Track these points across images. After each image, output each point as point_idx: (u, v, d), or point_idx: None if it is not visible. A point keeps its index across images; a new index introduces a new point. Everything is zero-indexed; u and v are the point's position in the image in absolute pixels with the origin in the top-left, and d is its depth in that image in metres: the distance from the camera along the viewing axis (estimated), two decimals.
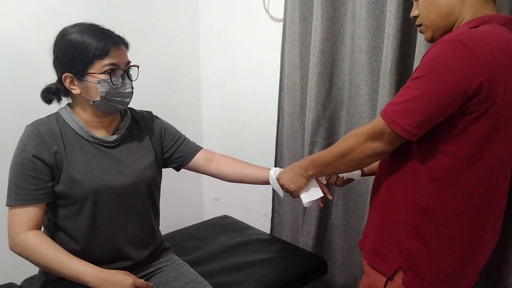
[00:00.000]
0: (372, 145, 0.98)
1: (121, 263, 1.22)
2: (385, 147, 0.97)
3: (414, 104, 0.90)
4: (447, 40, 0.89)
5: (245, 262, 1.60)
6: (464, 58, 0.86)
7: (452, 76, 0.86)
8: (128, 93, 1.16)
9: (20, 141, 1.12)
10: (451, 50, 0.87)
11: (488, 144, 0.92)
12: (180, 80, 2.36)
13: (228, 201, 2.48)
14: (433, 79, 0.88)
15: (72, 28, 1.11)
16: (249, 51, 2.15)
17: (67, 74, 1.11)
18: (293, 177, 1.25)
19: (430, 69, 0.89)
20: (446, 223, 0.96)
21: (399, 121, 0.91)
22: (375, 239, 1.07)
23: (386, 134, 0.95)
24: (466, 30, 0.91)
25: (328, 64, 1.65)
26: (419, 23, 1.06)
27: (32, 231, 1.10)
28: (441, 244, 0.97)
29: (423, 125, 0.91)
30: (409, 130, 0.91)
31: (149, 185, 1.25)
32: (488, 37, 0.89)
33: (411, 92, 0.91)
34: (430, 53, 0.91)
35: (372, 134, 0.98)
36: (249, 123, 2.24)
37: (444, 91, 0.87)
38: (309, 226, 1.83)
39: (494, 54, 0.87)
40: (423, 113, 0.89)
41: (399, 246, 1.01)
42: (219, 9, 2.27)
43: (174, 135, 1.36)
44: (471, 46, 0.85)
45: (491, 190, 0.96)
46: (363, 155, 1.01)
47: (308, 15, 1.72)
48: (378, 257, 1.06)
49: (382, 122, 0.95)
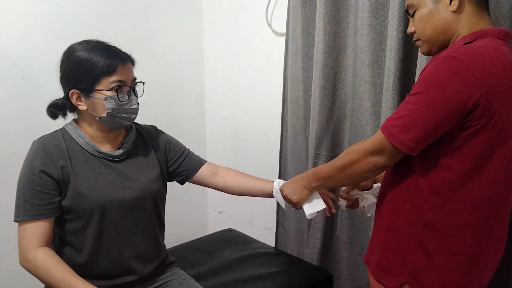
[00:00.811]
0: (373, 159, 1.00)
1: (126, 277, 1.22)
2: (386, 161, 0.99)
3: (413, 119, 0.91)
4: (443, 57, 0.90)
5: (250, 276, 1.59)
6: (460, 74, 0.87)
7: (449, 92, 0.88)
8: (134, 109, 1.18)
9: (27, 156, 1.13)
10: (447, 66, 0.89)
11: (488, 157, 0.93)
12: (183, 95, 2.38)
13: (233, 214, 2.47)
14: (431, 95, 0.90)
15: (79, 45, 1.13)
16: (252, 65, 2.17)
17: (74, 90, 1.13)
18: (296, 188, 1.26)
19: (428, 85, 0.90)
20: (450, 236, 0.96)
21: (399, 135, 0.93)
22: (380, 253, 1.07)
23: (387, 149, 0.96)
24: (461, 46, 0.93)
25: (331, 77, 1.67)
26: (416, 38, 1.08)
27: (42, 248, 1.10)
28: (445, 257, 0.97)
29: (423, 139, 0.92)
30: (409, 145, 0.92)
31: (154, 199, 1.26)
32: (484, 52, 0.90)
33: (410, 107, 0.93)
34: (428, 69, 0.93)
35: (373, 149, 0.99)
36: (253, 137, 2.25)
37: (442, 106, 0.88)
38: (314, 239, 1.82)
39: (490, 69, 0.88)
40: (422, 128, 0.91)
41: (404, 260, 1.01)
42: (222, 23, 2.30)
43: (179, 149, 1.38)
44: (467, 62, 0.87)
45: (494, 202, 0.96)
46: (365, 169, 1.02)
47: (310, 29, 1.74)
48: (383, 271, 1.06)
49: (383, 137, 0.96)
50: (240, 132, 2.33)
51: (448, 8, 0.99)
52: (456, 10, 0.99)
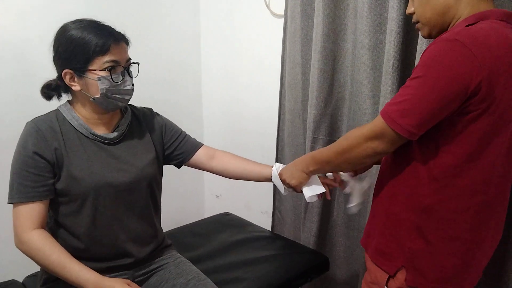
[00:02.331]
0: (372, 144, 0.98)
1: (122, 260, 1.22)
2: (385, 147, 0.97)
3: (414, 104, 0.90)
4: (445, 40, 0.88)
5: (246, 259, 1.59)
6: (462, 57, 0.85)
7: (450, 75, 0.86)
8: (128, 90, 1.16)
9: (20, 138, 1.12)
10: (448, 49, 0.87)
11: (488, 142, 0.92)
12: (181, 76, 2.35)
13: (229, 198, 2.48)
14: (432, 78, 0.88)
15: (72, 24, 1.11)
16: (250, 47, 2.15)
17: (67, 70, 1.11)
18: (294, 172, 1.25)
19: (428, 69, 0.89)
20: (448, 222, 0.96)
21: (400, 120, 0.91)
22: (379, 238, 1.07)
23: (387, 134, 0.95)
24: (463, 28, 0.90)
25: (330, 60, 1.65)
26: (416, 20, 1.06)
27: (37, 230, 1.10)
28: (443, 243, 0.97)
29: (423, 124, 0.91)
30: (410, 130, 0.91)
31: (150, 182, 1.25)
32: (486, 35, 0.88)
33: (410, 91, 0.91)
34: (428, 52, 0.91)
35: (372, 134, 0.98)
36: (250, 119, 2.24)
37: (443, 90, 0.87)
38: (310, 223, 1.82)
39: (492, 51, 0.86)
40: (423, 112, 0.89)
41: (402, 245, 1.01)
42: (220, 5, 2.26)
43: (175, 132, 1.36)
44: (469, 45, 0.85)
45: (492, 188, 0.96)
46: (363, 154, 1.01)
47: (309, 11, 1.71)
48: (381, 255, 1.06)
49: (383, 122, 0.94)
50: (237, 115, 2.31)
51: None
52: None
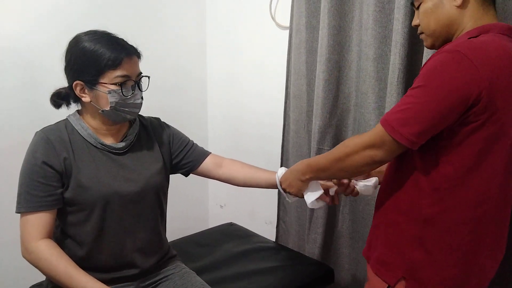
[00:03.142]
0: (370, 152, 0.98)
1: (128, 270, 1.22)
2: (384, 156, 0.97)
3: (414, 113, 0.90)
4: (446, 51, 0.89)
5: (251, 270, 1.59)
6: (463, 68, 0.86)
7: (451, 85, 0.87)
8: (137, 104, 1.17)
9: (29, 147, 1.13)
10: (450, 60, 0.88)
11: (489, 153, 0.92)
12: (187, 87, 2.37)
13: (234, 208, 2.47)
14: (433, 88, 0.89)
15: (85, 35, 1.12)
16: (255, 58, 2.16)
17: (78, 82, 1.12)
18: (292, 180, 1.25)
19: (430, 79, 0.89)
20: (449, 233, 0.96)
21: (400, 129, 0.91)
22: (380, 248, 1.07)
23: (387, 143, 0.94)
24: (465, 40, 0.92)
25: (335, 71, 1.66)
26: (421, 32, 1.07)
27: (44, 240, 1.10)
28: (444, 254, 0.97)
29: (424, 133, 0.91)
30: (410, 139, 0.91)
31: (157, 192, 1.25)
32: (487, 47, 0.89)
33: (411, 100, 0.92)
34: (430, 63, 0.92)
35: (372, 142, 0.97)
36: (255, 131, 2.24)
37: (443, 100, 0.87)
38: (315, 234, 1.82)
39: (493, 64, 0.87)
40: (423, 121, 0.89)
41: (403, 255, 1.01)
42: (225, 16, 2.29)
43: (183, 141, 1.37)
44: (470, 56, 0.86)
45: (493, 199, 0.95)
46: (361, 162, 1.01)
47: (314, 23, 1.73)
48: (382, 265, 1.06)
49: (383, 130, 0.94)
50: (242, 126, 2.32)
51: (453, 3, 0.98)
52: (460, 5, 0.97)
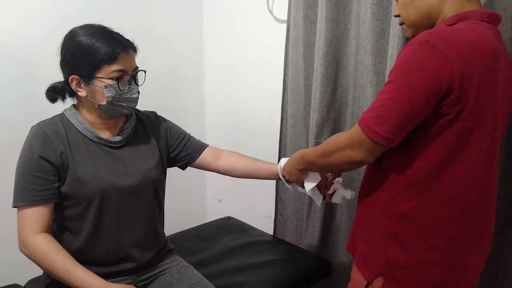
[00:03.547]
0: (350, 153, 0.96)
1: (125, 264, 1.22)
2: (364, 156, 0.94)
3: (388, 109, 0.88)
4: (416, 42, 0.87)
5: (249, 263, 1.59)
6: (433, 58, 0.84)
7: (421, 77, 0.85)
8: (134, 98, 1.16)
9: (25, 142, 1.12)
10: (419, 51, 0.85)
11: (464, 148, 0.90)
12: (184, 81, 2.36)
13: (232, 202, 2.47)
14: (404, 82, 0.87)
15: (81, 29, 1.11)
16: (253, 52, 2.15)
17: (74, 76, 1.11)
18: (290, 169, 1.26)
19: (400, 72, 0.87)
20: (427, 229, 0.94)
21: (375, 127, 0.89)
22: (364, 244, 1.06)
23: (364, 143, 0.92)
24: (436, 29, 0.89)
25: (333, 65, 1.65)
26: (401, 22, 1.05)
27: (42, 234, 1.10)
28: (421, 251, 0.95)
29: (400, 129, 0.89)
30: (386, 136, 0.89)
31: (154, 186, 1.25)
32: (460, 35, 0.86)
33: (384, 97, 0.89)
34: (401, 55, 0.89)
35: (350, 143, 0.95)
36: (252, 125, 2.24)
37: (415, 93, 0.85)
38: (313, 228, 1.82)
39: (465, 52, 0.84)
40: (398, 117, 0.87)
41: (381, 252, 1.00)
42: (223, 9, 2.27)
43: (180, 134, 1.37)
44: (440, 46, 0.83)
45: (471, 195, 0.93)
46: (342, 162, 1.00)
47: (312, 16, 1.72)
48: (363, 261, 1.05)
49: (359, 130, 0.92)
50: (239, 119, 2.31)
51: None
52: None
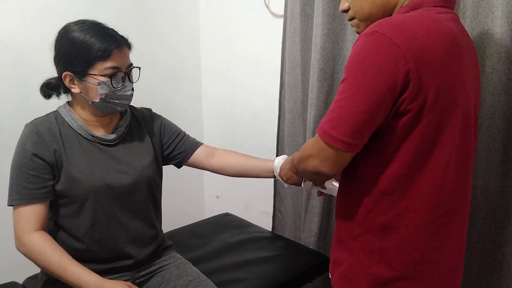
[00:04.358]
0: (312, 163, 0.87)
1: (122, 261, 1.22)
2: (326, 167, 0.84)
3: (343, 110, 0.80)
4: (365, 34, 0.80)
5: (247, 259, 1.59)
6: (384, 50, 0.76)
7: (375, 72, 0.77)
8: (127, 96, 1.15)
9: (19, 140, 1.12)
10: (368, 43, 0.78)
11: (434, 144, 0.82)
12: (180, 76, 2.35)
13: (229, 199, 2.47)
14: (356, 79, 0.79)
15: (75, 25, 1.10)
16: (250, 47, 2.14)
17: (67, 73, 1.10)
18: (287, 172, 1.24)
19: (352, 69, 0.80)
20: (409, 241, 0.86)
21: (332, 132, 0.80)
22: (346, 263, 0.96)
23: (324, 151, 0.83)
24: (384, 19, 0.82)
25: (330, 60, 1.64)
26: (352, 17, 0.95)
27: (38, 232, 1.09)
28: (407, 266, 0.87)
29: (359, 131, 0.80)
30: (345, 140, 0.79)
31: (149, 184, 1.24)
32: (411, 22, 0.79)
33: (339, 97, 0.81)
34: (352, 50, 0.82)
35: (310, 152, 0.87)
36: (250, 120, 2.23)
37: (370, 89, 0.77)
38: (311, 223, 1.82)
39: (418, 40, 0.77)
40: (354, 117, 0.78)
41: (365, 270, 0.91)
42: (219, 4, 2.26)
43: (174, 131, 1.35)
44: (390, 35, 0.76)
45: (448, 194, 0.86)
46: (310, 171, 0.89)
47: (309, 11, 1.71)
48: (345, 282, 0.95)
49: (318, 137, 0.83)
50: (237, 115, 2.31)
51: None
52: None
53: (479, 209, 1.29)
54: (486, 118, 1.22)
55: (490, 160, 1.24)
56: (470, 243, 1.30)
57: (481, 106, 1.20)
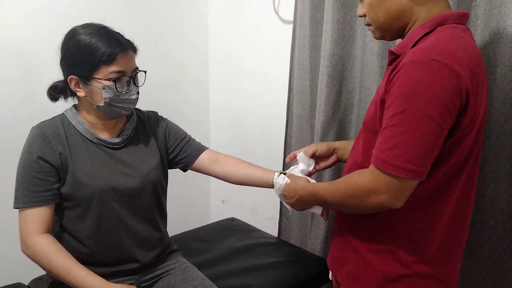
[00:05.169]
0: (376, 199, 0.85)
1: (128, 265, 1.22)
2: (393, 200, 0.84)
3: (412, 143, 0.80)
4: (420, 62, 0.80)
5: (252, 265, 1.58)
6: (445, 79, 0.78)
7: (437, 102, 0.78)
8: (132, 100, 1.15)
9: (25, 143, 1.12)
10: (428, 72, 0.78)
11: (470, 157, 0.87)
12: (189, 82, 2.36)
13: (235, 204, 2.47)
14: (419, 110, 0.79)
15: (81, 29, 1.11)
16: (259, 53, 2.14)
17: (73, 76, 1.11)
18: (295, 202, 1.14)
19: (412, 100, 0.79)
20: (426, 245, 0.90)
21: (407, 166, 0.80)
22: (354, 262, 0.99)
23: (392, 185, 0.82)
24: (433, 44, 0.82)
25: (339, 66, 1.64)
26: (368, 23, 0.98)
27: (43, 235, 1.10)
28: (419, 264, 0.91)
29: (429, 160, 0.82)
30: (420, 171, 0.81)
31: (155, 187, 1.24)
32: (456, 48, 0.82)
33: (401, 130, 0.80)
34: (404, 80, 0.81)
35: (373, 189, 0.85)
36: (258, 126, 2.23)
37: (434, 120, 0.79)
38: (317, 230, 1.81)
39: (468, 65, 0.80)
40: (424, 149, 0.80)
41: (375, 268, 0.94)
42: (228, 10, 2.27)
43: (179, 135, 1.34)
44: (448, 63, 0.78)
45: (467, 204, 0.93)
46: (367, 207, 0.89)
47: (318, 17, 1.71)
48: (354, 280, 0.98)
49: (383, 174, 0.83)
50: (245, 121, 2.31)
51: None
52: None
53: (488, 219, 1.27)
54: (496, 127, 1.21)
55: (500, 170, 1.23)
56: (480, 252, 1.29)
57: (491, 115, 1.20)
